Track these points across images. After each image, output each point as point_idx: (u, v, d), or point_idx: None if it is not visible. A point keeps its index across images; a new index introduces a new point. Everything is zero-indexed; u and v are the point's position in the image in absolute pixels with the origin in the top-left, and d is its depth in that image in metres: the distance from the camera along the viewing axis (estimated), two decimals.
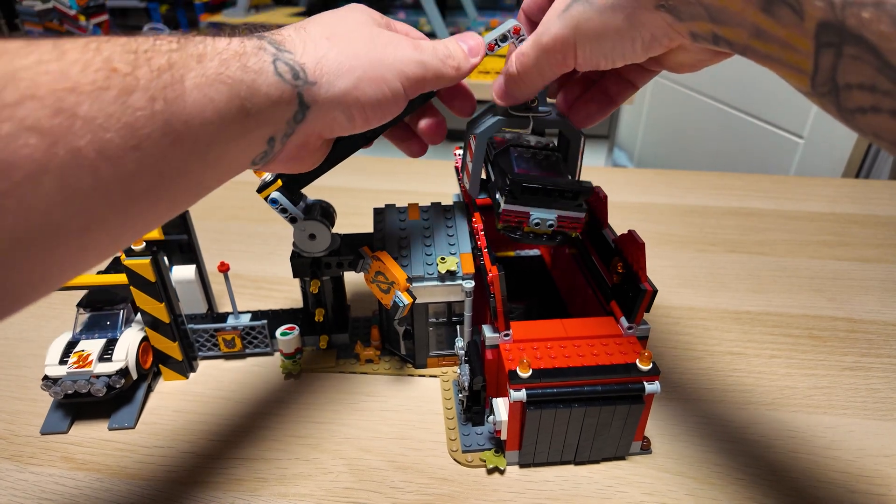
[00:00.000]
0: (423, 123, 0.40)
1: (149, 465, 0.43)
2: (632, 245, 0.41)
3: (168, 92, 0.23)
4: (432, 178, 0.90)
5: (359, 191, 0.85)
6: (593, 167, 1.12)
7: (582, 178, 0.42)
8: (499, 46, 0.38)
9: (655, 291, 0.39)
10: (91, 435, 0.46)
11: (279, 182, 0.44)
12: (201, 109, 0.24)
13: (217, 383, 0.51)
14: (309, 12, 1.58)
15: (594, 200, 0.47)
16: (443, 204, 0.53)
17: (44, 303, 0.23)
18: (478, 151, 0.41)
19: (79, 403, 0.47)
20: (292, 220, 0.46)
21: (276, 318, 0.54)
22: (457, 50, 0.36)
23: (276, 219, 0.45)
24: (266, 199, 0.44)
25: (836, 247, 0.72)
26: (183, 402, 0.49)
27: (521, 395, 0.38)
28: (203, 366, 0.53)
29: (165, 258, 0.50)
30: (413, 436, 0.46)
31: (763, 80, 1.28)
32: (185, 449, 0.45)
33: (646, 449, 0.44)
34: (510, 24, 0.37)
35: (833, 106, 0.22)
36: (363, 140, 0.40)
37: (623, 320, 0.42)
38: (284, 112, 0.29)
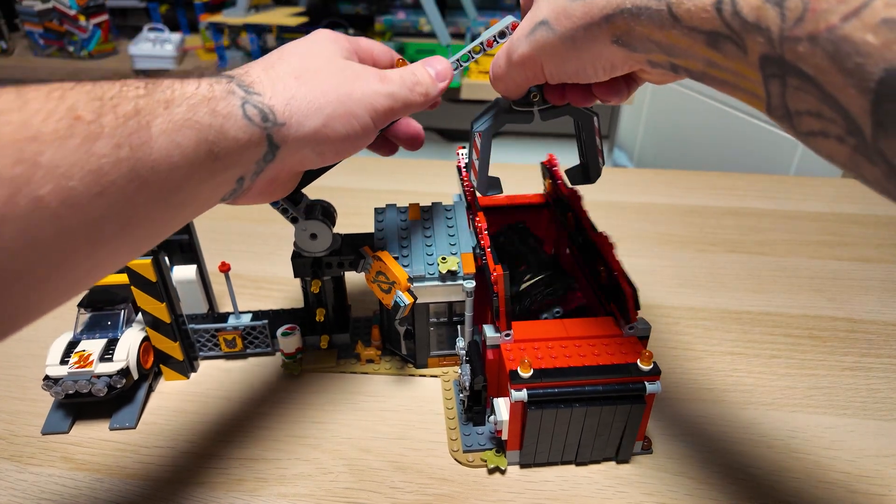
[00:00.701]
0: (401, 132, 0.42)
1: (149, 465, 0.43)
2: (605, 247, 0.41)
3: (133, 138, 0.23)
4: (432, 178, 0.90)
5: (359, 191, 0.85)
6: None
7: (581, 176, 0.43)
8: (497, 43, 0.38)
9: (635, 290, 0.40)
10: (91, 435, 0.46)
11: None
12: (168, 155, 0.24)
13: (218, 383, 0.51)
14: (309, 12, 1.58)
15: (573, 201, 0.48)
16: (443, 204, 0.53)
17: None
18: (483, 149, 0.41)
19: (80, 403, 0.47)
20: (293, 220, 0.46)
21: (276, 317, 0.54)
22: (424, 76, 0.36)
23: (277, 219, 0.45)
24: None
25: (836, 247, 0.72)
26: (184, 403, 0.49)
27: (522, 394, 0.38)
28: (204, 366, 0.53)
29: (166, 258, 0.50)
30: (413, 436, 0.46)
31: None
32: (186, 449, 0.45)
33: (646, 449, 0.44)
34: (508, 20, 0.37)
35: (790, 129, 0.23)
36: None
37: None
38: (253, 154, 0.30)
